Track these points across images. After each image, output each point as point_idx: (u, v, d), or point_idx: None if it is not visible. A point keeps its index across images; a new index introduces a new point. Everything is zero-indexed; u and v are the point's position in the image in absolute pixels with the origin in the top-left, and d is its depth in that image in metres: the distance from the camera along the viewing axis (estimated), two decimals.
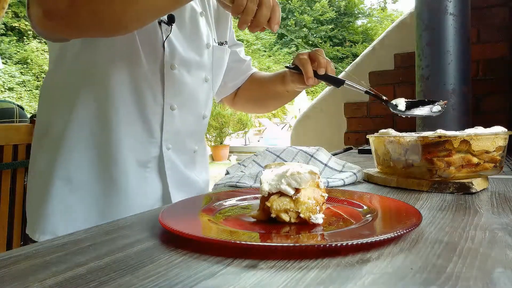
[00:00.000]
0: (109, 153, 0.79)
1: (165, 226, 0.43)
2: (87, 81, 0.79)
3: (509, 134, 0.69)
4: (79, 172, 0.78)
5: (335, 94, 2.35)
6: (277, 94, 1.04)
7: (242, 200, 0.60)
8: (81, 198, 0.78)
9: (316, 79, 0.85)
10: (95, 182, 0.79)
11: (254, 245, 0.37)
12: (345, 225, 0.46)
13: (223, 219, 0.50)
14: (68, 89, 0.80)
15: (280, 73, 1.01)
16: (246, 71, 1.11)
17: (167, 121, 0.84)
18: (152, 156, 0.84)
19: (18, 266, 0.36)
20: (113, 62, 0.78)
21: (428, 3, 1.54)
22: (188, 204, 0.57)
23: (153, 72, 0.82)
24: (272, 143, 9.77)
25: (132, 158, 0.81)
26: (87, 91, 0.79)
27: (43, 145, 0.81)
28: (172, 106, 0.84)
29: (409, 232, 0.40)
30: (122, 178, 0.79)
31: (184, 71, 0.86)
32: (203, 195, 0.66)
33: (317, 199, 0.47)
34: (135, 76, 0.80)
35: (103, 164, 0.79)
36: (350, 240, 0.36)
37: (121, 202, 0.80)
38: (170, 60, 0.83)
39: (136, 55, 0.80)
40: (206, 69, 0.93)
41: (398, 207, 0.51)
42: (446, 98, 1.50)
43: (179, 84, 0.85)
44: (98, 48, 0.78)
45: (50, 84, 0.84)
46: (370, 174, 0.82)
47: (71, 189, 0.78)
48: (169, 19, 0.83)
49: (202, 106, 0.93)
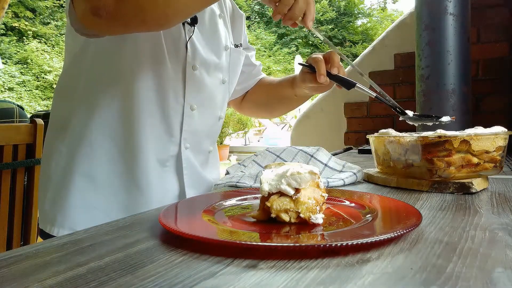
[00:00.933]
0: (130, 150, 0.80)
1: (165, 226, 0.43)
2: (111, 77, 0.80)
3: (509, 134, 0.69)
4: (100, 168, 0.79)
5: (335, 94, 2.34)
6: (285, 98, 1.05)
7: (242, 200, 0.60)
8: (101, 194, 0.79)
9: (327, 79, 0.85)
10: (116, 178, 0.79)
11: (254, 245, 0.37)
12: (345, 225, 0.46)
13: (223, 219, 0.50)
14: (90, 85, 0.80)
15: (290, 77, 1.02)
16: (255, 76, 1.12)
17: (186, 121, 0.85)
18: (170, 155, 0.84)
19: (18, 266, 0.36)
20: (138, 60, 0.79)
21: (428, 3, 1.54)
22: (188, 204, 0.57)
23: (176, 72, 0.83)
24: (272, 143, 9.76)
25: (152, 156, 0.81)
26: (111, 88, 0.79)
27: (63, 140, 0.81)
28: (192, 106, 0.85)
29: (409, 232, 0.40)
30: (143, 175, 0.80)
31: (204, 72, 0.87)
32: (203, 195, 0.66)
33: (317, 199, 0.47)
34: (159, 75, 0.81)
35: (124, 161, 0.80)
36: (350, 240, 0.36)
37: (141, 200, 0.80)
38: (192, 61, 0.84)
39: (161, 54, 0.80)
40: (223, 71, 0.94)
41: (398, 207, 0.51)
42: (446, 98, 1.50)
43: (199, 85, 0.86)
44: (124, 45, 0.78)
45: (69, 80, 0.84)
46: (370, 174, 0.82)
47: (92, 185, 0.79)
48: (192, 20, 0.84)
49: (219, 107, 0.94)
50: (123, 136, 0.80)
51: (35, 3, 16.74)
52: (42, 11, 17.17)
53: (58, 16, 17.53)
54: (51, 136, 0.85)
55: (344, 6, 22.51)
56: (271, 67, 16.87)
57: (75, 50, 0.83)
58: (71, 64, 0.84)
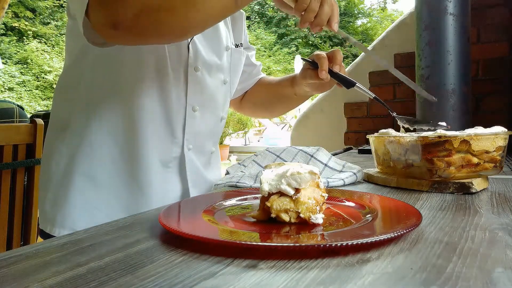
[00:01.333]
0: (132, 151, 0.80)
1: (165, 226, 0.43)
2: (112, 79, 0.80)
3: (509, 134, 0.69)
4: (101, 169, 0.79)
5: (335, 94, 2.34)
6: (285, 97, 1.05)
7: (242, 200, 0.60)
8: (102, 195, 0.79)
9: (328, 76, 0.85)
10: (117, 179, 0.79)
11: (254, 245, 0.37)
12: (345, 225, 0.46)
13: (223, 219, 0.50)
14: (91, 86, 0.80)
15: (290, 76, 1.02)
16: (255, 75, 1.12)
17: (189, 122, 0.85)
18: (173, 156, 0.84)
19: (18, 266, 0.36)
20: (140, 62, 0.79)
21: (428, 3, 1.54)
22: (188, 204, 0.57)
23: (178, 73, 0.83)
24: (272, 143, 9.76)
25: (155, 158, 0.81)
26: (112, 89, 0.79)
27: (63, 140, 0.81)
28: (194, 107, 0.85)
29: (409, 232, 0.40)
30: (145, 177, 0.80)
31: (206, 73, 0.87)
32: (203, 195, 0.66)
33: (317, 199, 0.47)
34: (161, 76, 0.81)
35: (126, 162, 0.80)
36: (350, 240, 0.36)
37: (143, 201, 0.80)
38: (193, 63, 0.84)
39: (163, 56, 0.81)
40: (224, 72, 0.94)
41: (398, 207, 0.51)
42: (446, 98, 1.50)
43: (201, 86, 0.87)
44: (126, 48, 0.78)
45: (70, 80, 0.84)
46: (370, 174, 0.82)
47: (92, 185, 0.79)
48: None
49: (220, 107, 0.94)
50: (124, 137, 0.80)
51: (35, 3, 16.74)
52: (42, 11, 17.18)
53: (58, 16, 17.53)
54: (51, 136, 0.85)
55: (344, 6, 22.50)
56: (271, 67, 16.86)
57: (76, 51, 0.83)
58: (72, 65, 0.84)
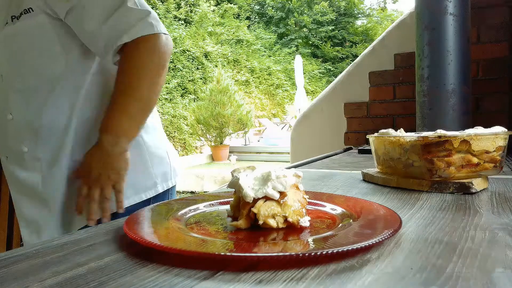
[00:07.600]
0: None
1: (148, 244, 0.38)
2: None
3: (509, 134, 0.69)
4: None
5: (335, 94, 2.35)
6: None
7: (208, 206, 0.55)
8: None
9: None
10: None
11: (267, 256, 0.35)
12: (331, 228, 0.44)
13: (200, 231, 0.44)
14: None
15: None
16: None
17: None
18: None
19: (18, 266, 0.36)
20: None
21: (428, 3, 1.54)
22: (153, 214, 0.52)
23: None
24: (272, 143, 9.76)
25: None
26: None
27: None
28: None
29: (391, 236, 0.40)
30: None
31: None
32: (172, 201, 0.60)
33: (301, 202, 0.45)
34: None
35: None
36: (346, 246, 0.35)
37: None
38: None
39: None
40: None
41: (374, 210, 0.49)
42: (446, 98, 1.50)
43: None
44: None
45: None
46: (370, 174, 0.82)
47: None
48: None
49: (2, 105, 0.88)
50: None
51: None
52: None
53: None
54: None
55: (344, 7, 22.49)
56: (271, 67, 16.85)
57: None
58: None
